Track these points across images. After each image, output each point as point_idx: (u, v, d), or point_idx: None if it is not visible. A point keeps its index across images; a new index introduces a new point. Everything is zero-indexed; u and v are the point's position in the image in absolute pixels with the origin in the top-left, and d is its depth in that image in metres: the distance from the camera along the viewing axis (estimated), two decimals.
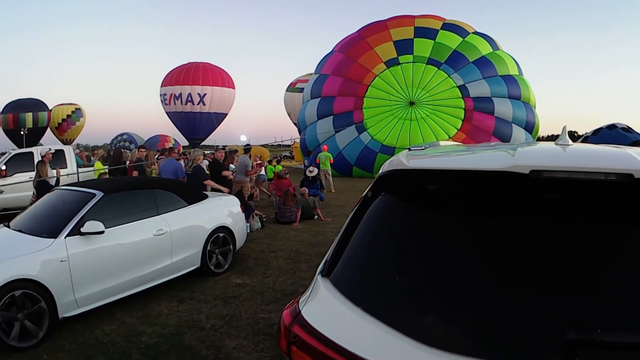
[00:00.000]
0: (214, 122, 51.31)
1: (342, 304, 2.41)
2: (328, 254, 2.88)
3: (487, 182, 2.48)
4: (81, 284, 6.75)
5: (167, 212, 8.37)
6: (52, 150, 15.92)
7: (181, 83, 49.64)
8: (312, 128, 31.07)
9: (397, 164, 2.84)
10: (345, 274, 2.63)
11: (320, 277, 2.72)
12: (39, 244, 6.65)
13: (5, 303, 5.99)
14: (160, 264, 7.93)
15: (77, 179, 16.91)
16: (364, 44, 30.74)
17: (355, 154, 28.82)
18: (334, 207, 17.08)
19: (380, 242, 2.67)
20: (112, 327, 6.82)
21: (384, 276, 2.50)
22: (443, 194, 2.61)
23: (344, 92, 29.97)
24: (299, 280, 8.62)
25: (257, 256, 10.32)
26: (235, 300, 7.72)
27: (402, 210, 2.73)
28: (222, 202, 9.90)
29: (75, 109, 62.95)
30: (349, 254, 2.68)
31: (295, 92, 55.02)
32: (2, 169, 17.07)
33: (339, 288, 2.52)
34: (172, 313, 7.26)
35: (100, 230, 6.92)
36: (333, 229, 13.03)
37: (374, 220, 2.73)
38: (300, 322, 2.49)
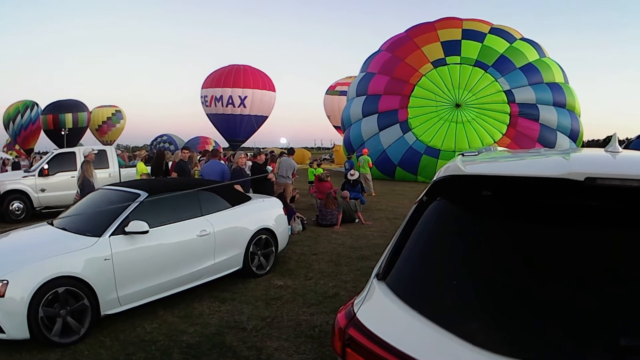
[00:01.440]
0: (254, 125, 51.46)
1: (398, 307, 2.41)
2: (383, 257, 2.88)
3: (542, 189, 2.45)
4: (124, 282, 6.81)
5: (210, 213, 8.39)
6: (95, 151, 16.10)
7: (222, 85, 49.86)
8: (356, 126, 30.93)
9: (454, 169, 2.82)
10: (401, 277, 2.63)
11: (376, 280, 2.72)
12: (83, 242, 6.74)
13: (48, 299, 6.08)
14: (202, 264, 7.94)
15: (119, 179, 17.15)
16: (411, 43, 30.51)
17: (399, 155, 28.57)
18: (374, 210, 16.98)
19: (436, 246, 2.67)
20: (154, 325, 6.86)
21: (440, 280, 2.51)
22: (498, 199, 2.59)
23: (389, 90, 29.71)
24: (340, 283, 8.56)
25: (298, 258, 10.29)
26: (277, 302, 7.69)
27: (458, 215, 2.73)
28: (265, 204, 9.90)
29: (115, 111, 63.88)
30: (405, 257, 2.68)
31: (334, 95, 55.16)
32: (44, 168, 17.30)
33: (395, 291, 2.52)
34: (213, 313, 7.26)
35: (144, 230, 6.99)
36: (374, 233, 12.99)
37: (430, 225, 2.72)
38: (355, 324, 2.49)
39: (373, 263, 9.19)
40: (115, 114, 63.82)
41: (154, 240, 7.25)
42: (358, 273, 9.15)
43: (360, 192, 16.95)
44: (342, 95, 52.86)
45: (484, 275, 2.42)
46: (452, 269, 2.51)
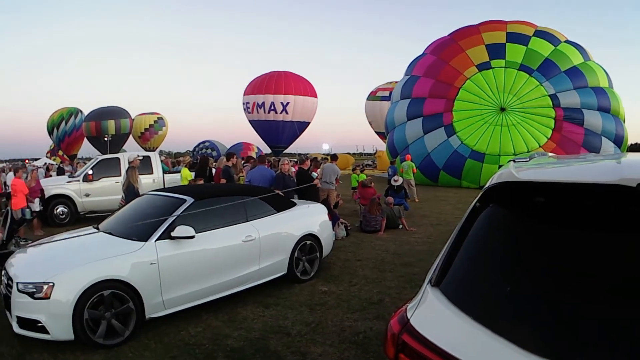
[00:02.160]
0: (296, 131, 51.58)
1: (452, 312, 2.40)
2: (436, 263, 2.86)
3: (594, 195, 2.39)
4: (169, 286, 6.88)
5: (256, 218, 8.42)
6: (140, 157, 16.30)
7: (264, 92, 50.08)
8: (400, 129, 30.71)
9: (508, 176, 2.78)
10: (455, 283, 2.62)
11: (430, 286, 2.73)
12: (130, 246, 6.84)
13: (93, 302, 6.18)
14: (247, 269, 7.97)
15: (163, 185, 17.33)
16: (455, 46, 30.26)
17: (444, 158, 28.27)
18: (418, 216, 16.87)
19: (489, 252, 2.66)
20: (198, 329, 6.90)
21: (493, 286, 2.49)
22: (550, 206, 2.54)
23: (434, 94, 29.48)
24: (384, 290, 8.49)
25: (342, 264, 10.25)
26: (321, 307, 7.66)
27: (510, 221, 2.71)
28: (310, 209, 9.90)
29: (157, 118, 64.72)
30: (458, 264, 2.68)
31: (376, 101, 55.01)
32: (89, 174, 17.60)
33: (448, 297, 2.51)
34: (257, 318, 7.26)
35: (190, 235, 7.06)
36: (418, 239, 12.90)
37: (482, 232, 2.71)
38: (409, 330, 2.48)
39: (417, 270, 9.16)
40: (158, 121, 64.68)
41: (200, 245, 7.30)
42: (402, 279, 9.08)
43: (404, 198, 16.83)
44: (384, 100, 52.80)
45: (536, 281, 2.38)
46: (505, 275, 2.49)
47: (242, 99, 53.06)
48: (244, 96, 52.81)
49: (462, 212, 13.24)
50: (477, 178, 27.10)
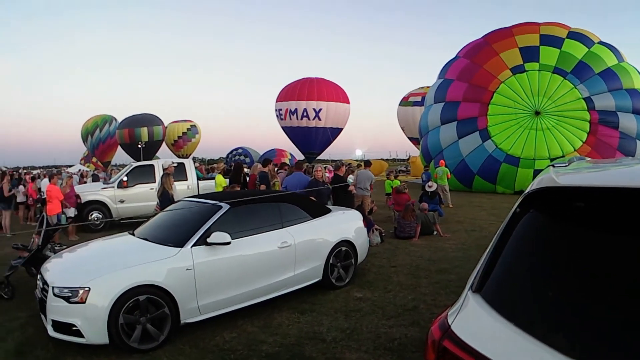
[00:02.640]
0: (329, 137, 51.60)
1: (494, 319, 2.37)
2: (477, 269, 2.83)
3: (634, 199, 2.35)
4: (205, 292, 6.91)
5: (291, 225, 8.42)
6: (174, 164, 16.43)
7: (296, 98, 50.18)
8: (434, 133, 30.48)
9: (548, 181, 2.76)
10: (497, 289, 2.60)
11: (471, 292, 2.71)
12: (165, 252, 6.90)
13: (128, 307, 6.24)
14: (283, 275, 7.97)
15: (197, 191, 17.45)
16: (489, 49, 29.92)
17: (478, 163, 27.99)
18: (452, 222, 16.74)
19: (530, 258, 2.63)
20: (233, 335, 6.91)
21: (535, 292, 2.46)
22: (591, 211, 2.51)
23: (468, 97, 29.19)
24: (419, 296, 8.42)
25: (377, 271, 10.19)
26: (356, 313, 7.62)
27: (551, 227, 2.68)
28: (345, 216, 9.88)
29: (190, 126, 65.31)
30: (499, 269, 2.66)
31: (408, 106, 54.84)
32: (124, 180, 17.82)
33: (490, 303, 2.48)
34: (293, 324, 7.25)
35: (226, 241, 7.09)
36: (452, 246, 12.81)
37: (523, 237, 2.69)
38: (450, 336, 2.46)
39: (452, 276, 9.09)
40: (191, 128, 65.26)
41: (235, 251, 7.33)
42: (437, 286, 9.00)
43: (438, 204, 16.74)
44: (416, 106, 52.68)
45: (578, 287, 2.35)
46: (547, 281, 2.46)
47: (275, 105, 53.24)
48: (276, 103, 52.99)
49: (497, 218, 13.24)
50: (511, 183, 26.89)
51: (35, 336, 7.11)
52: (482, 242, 12.98)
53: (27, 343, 6.90)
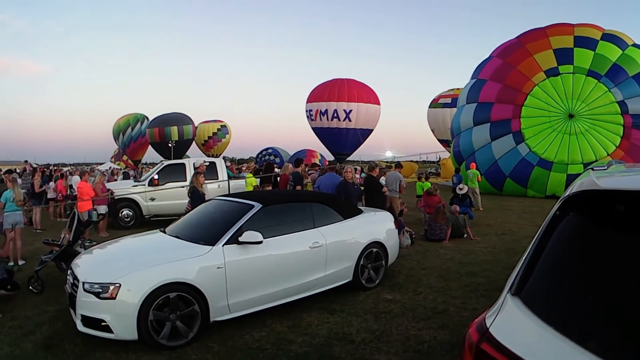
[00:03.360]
0: (359, 138, 51.51)
1: (533, 322, 2.34)
2: (516, 272, 2.82)
3: None
4: (235, 290, 6.93)
5: (323, 225, 8.40)
6: (206, 163, 16.52)
7: (327, 99, 50.17)
8: (467, 134, 30.31)
9: (589, 184, 2.74)
10: (535, 292, 2.57)
11: (510, 295, 2.68)
12: (197, 250, 6.93)
13: (158, 304, 6.27)
14: (313, 275, 7.96)
15: (228, 191, 17.52)
16: (523, 50, 29.57)
17: (511, 166, 27.74)
18: (482, 225, 16.64)
19: (569, 261, 2.61)
20: (262, 333, 6.91)
21: (574, 296, 2.43)
22: (633, 214, 2.48)
23: (502, 99, 28.89)
24: (449, 299, 8.37)
25: (407, 273, 10.16)
26: (386, 315, 7.59)
27: (591, 230, 2.65)
28: (376, 217, 9.86)
29: (220, 126, 65.58)
30: (539, 272, 2.64)
31: (438, 108, 54.65)
32: (154, 178, 17.95)
33: (529, 306, 2.46)
34: (322, 324, 7.24)
35: (258, 240, 7.10)
36: (483, 249, 12.73)
37: (563, 240, 2.67)
38: (488, 339, 2.44)
39: (481, 279, 9.03)
40: (221, 129, 65.54)
41: (267, 251, 7.34)
42: (467, 289, 8.95)
43: (469, 207, 16.62)
44: (446, 107, 52.59)
45: (619, 291, 2.32)
46: (586, 285, 2.44)
47: (305, 106, 53.26)
48: (306, 104, 53.02)
49: (527, 221, 13.17)
50: (543, 187, 26.66)
51: (63, 330, 7.19)
52: (512, 245, 12.99)
53: (55, 337, 6.97)
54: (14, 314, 8.11)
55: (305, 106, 53.38)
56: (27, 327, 7.46)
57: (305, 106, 53.38)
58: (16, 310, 8.30)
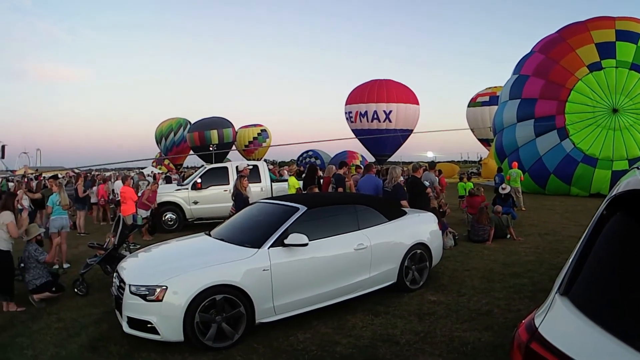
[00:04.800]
0: (400, 139, 51.37)
1: (583, 322, 2.35)
2: (564, 272, 2.81)
3: None
4: (281, 292, 6.97)
5: (367, 227, 8.38)
6: (249, 166, 16.64)
7: (366, 101, 50.15)
8: (510, 130, 29.87)
9: (635, 184, 2.73)
10: (585, 292, 2.56)
11: (558, 295, 2.69)
12: (243, 253, 7.00)
13: (204, 305, 6.34)
14: (358, 277, 7.95)
15: (271, 193, 17.62)
16: (565, 45, 29.02)
17: (555, 162, 27.31)
18: (526, 226, 16.49)
19: (618, 261, 2.61)
20: (307, 335, 6.94)
21: (624, 295, 2.43)
22: None
23: (545, 95, 28.35)
24: (493, 300, 8.31)
25: (451, 274, 10.11)
26: (430, 317, 7.57)
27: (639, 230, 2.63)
28: (420, 218, 9.82)
29: (261, 131, 65.76)
30: (587, 272, 2.63)
31: (476, 107, 54.18)
32: (198, 182, 18.13)
33: (577, 306, 2.46)
34: (366, 326, 7.24)
35: (304, 242, 7.14)
36: (526, 249, 12.61)
37: (610, 240, 2.67)
38: (537, 338, 2.45)
39: (525, 280, 8.97)
40: (261, 133, 65.75)
41: (312, 253, 7.37)
42: (511, 290, 8.88)
43: (512, 207, 16.45)
44: (484, 106, 52.12)
45: None
46: (634, 285, 2.42)
47: (344, 108, 53.28)
48: (345, 105, 53.03)
49: (570, 221, 13.04)
50: (587, 184, 26.28)
51: (109, 332, 7.33)
52: (556, 246, 12.85)
53: (101, 338, 7.11)
54: (59, 315, 8.30)
55: (344, 108, 53.41)
56: (72, 328, 7.63)
57: (344, 108, 53.41)
58: (62, 312, 8.49)
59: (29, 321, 8.08)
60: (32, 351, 6.80)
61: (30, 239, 9.23)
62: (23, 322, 8.06)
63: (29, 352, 6.79)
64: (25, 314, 8.50)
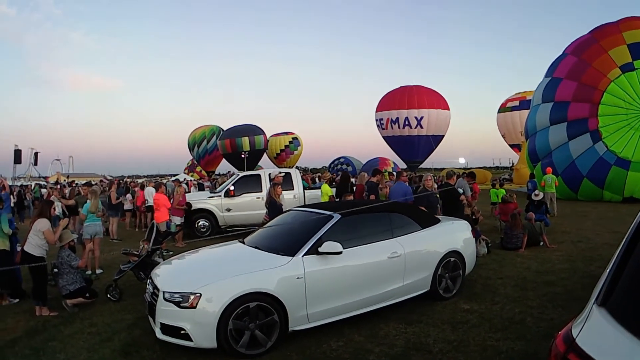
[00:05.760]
0: (431, 145, 51.36)
1: (620, 333, 2.34)
2: (602, 282, 2.77)
3: None
4: (314, 300, 6.98)
5: (401, 235, 8.38)
6: (282, 174, 16.73)
7: (397, 107, 50.22)
8: (543, 134, 29.61)
9: None
10: (622, 303, 2.56)
11: (596, 305, 2.65)
12: (277, 260, 7.03)
13: (238, 313, 6.38)
14: (391, 285, 7.94)
15: (304, 201, 17.70)
16: (597, 47, 28.71)
17: (588, 165, 26.99)
18: (558, 233, 16.30)
19: None
20: (340, 343, 6.94)
21: None
22: None
23: (578, 97, 28.09)
24: (526, 309, 8.25)
25: (484, 282, 10.06)
26: (463, 325, 7.53)
27: None
28: (454, 226, 9.76)
29: (292, 139, 66.15)
30: (625, 283, 2.61)
31: (507, 112, 53.92)
32: (230, 190, 18.25)
33: (615, 317, 2.45)
34: (399, 334, 7.21)
35: (338, 250, 7.15)
36: (559, 257, 12.48)
37: None
38: (575, 349, 2.45)
39: (559, 289, 8.89)
40: (293, 141, 66.11)
41: (346, 261, 7.37)
42: (544, 299, 8.79)
43: (545, 214, 16.31)
44: (514, 110, 51.86)
45: None
46: None
47: (375, 115, 53.37)
48: (376, 112, 53.11)
49: (603, 228, 12.93)
50: (620, 188, 25.95)
51: (141, 338, 7.42)
52: (589, 253, 12.73)
53: (133, 344, 7.20)
54: (92, 320, 8.42)
55: (374, 115, 53.46)
56: (105, 333, 7.73)
57: (374, 115, 53.46)
58: (95, 317, 8.61)
59: (61, 325, 8.21)
60: (64, 355, 6.92)
61: (64, 245, 9.37)
62: (56, 326, 8.20)
63: (62, 355, 6.91)
64: (58, 318, 8.65)
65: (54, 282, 9.38)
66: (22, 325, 8.38)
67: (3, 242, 9.91)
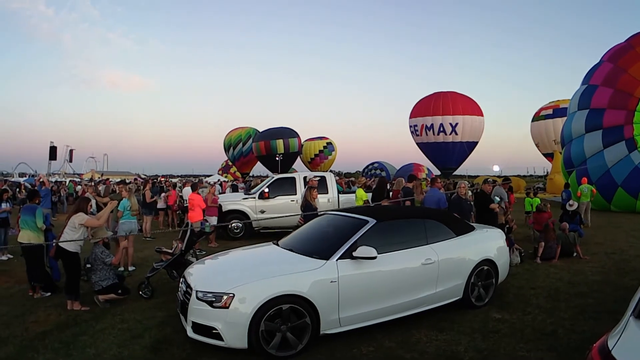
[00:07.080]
0: (465, 151, 51.15)
1: None
2: (638, 295, 2.75)
3: None
4: (347, 304, 6.98)
5: (436, 242, 8.37)
6: (317, 177, 16.77)
7: (431, 114, 50.12)
8: (578, 141, 29.27)
9: None
10: None
11: (633, 317, 2.61)
12: (311, 264, 7.06)
13: (270, 314, 6.42)
14: (424, 292, 7.92)
15: (338, 205, 17.71)
16: (633, 53, 28.37)
17: (623, 175, 26.58)
18: (591, 244, 16.09)
19: None
20: (370, 348, 6.93)
21: None
22: None
23: (614, 104, 27.71)
24: (558, 320, 8.18)
25: (516, 292, 9.98)
26: (494, 335, 7.49)
27: None
28: (488, 234, 9.71)
29: (326, 144, 66.29)
30: None
31: (540, 121, 53.43)
32: (265, 192, 18.31)
33: None
34: (431, 342, 7.19)
35: (372, 255, 7.14)
36: (592, 268, 12.36)
37: None
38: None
39: (591, 301, 8.84)
40: (327, 146, 66.27)
41: (380, 266, 7.37)
42: (576, 310, 8.72)
43: (579, 224, 16.14)
44: (548, 119, 51.32)
45: None
46: None
47: (409, 121, 53.27)
48: (410, 119, 53.01)
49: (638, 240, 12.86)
50: None
51: (172, 335, 7.50)
52: (622, 265, 12.61)
53: (163, 341, 7.29)
54: (123, 316, 8.53)
55: (408, 121, 53.35)
56: (136, 330, 7.83)
57: (408, 121, 53.35)
58: (126, 313, 8.73)
59: (92, 320, 8.33)
60: (94, 350, 7.02)
61: (97, 241, 9.48)
62: (87, 321, 8.32)
63: (91, 350, 7.00)
64: (89, 313, 8.78)
65: (86, 277, 9.51)
66: (52, 318, 8.53)
67: (37, 236, 10.09)
